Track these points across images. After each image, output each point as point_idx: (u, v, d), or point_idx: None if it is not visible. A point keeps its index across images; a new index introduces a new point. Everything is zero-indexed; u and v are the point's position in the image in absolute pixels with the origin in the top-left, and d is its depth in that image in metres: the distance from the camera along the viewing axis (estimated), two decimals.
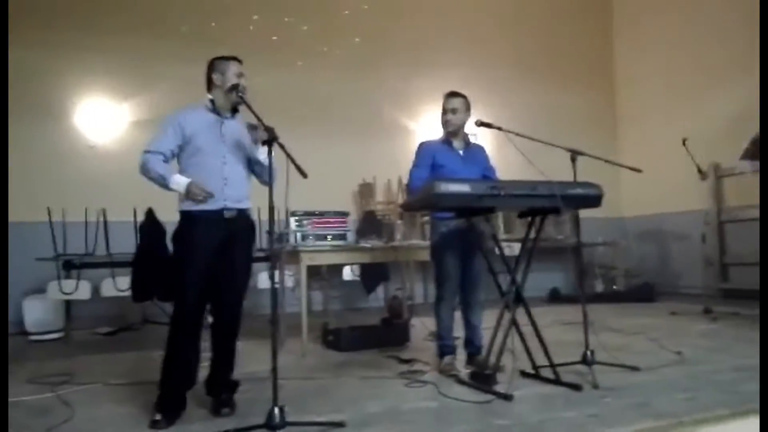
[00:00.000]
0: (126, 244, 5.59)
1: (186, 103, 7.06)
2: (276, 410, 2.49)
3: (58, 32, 6.55)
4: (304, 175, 2.50)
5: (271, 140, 2.60)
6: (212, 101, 3.13)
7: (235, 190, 3.06)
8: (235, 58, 3.14)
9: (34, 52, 6.43)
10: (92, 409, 3.11)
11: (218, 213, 2.99)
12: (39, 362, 4.49)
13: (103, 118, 6.73)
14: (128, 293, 5.38)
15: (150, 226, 5.39)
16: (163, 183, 2.98)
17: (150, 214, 5.41)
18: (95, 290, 5.45)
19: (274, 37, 7.43)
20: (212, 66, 3.14)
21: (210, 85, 3.15)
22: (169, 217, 5.61)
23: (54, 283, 5.28)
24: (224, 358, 3.11)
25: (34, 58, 6.44)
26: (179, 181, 2.94)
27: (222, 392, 3.04)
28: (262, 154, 3.06)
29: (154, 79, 6.81)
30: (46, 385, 3.64)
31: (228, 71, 3.08)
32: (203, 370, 3.14)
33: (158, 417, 2.78)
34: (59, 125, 6.58)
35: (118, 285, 5.40)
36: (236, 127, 3.12)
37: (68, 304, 5.47)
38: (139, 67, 6.82)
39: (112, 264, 5.44)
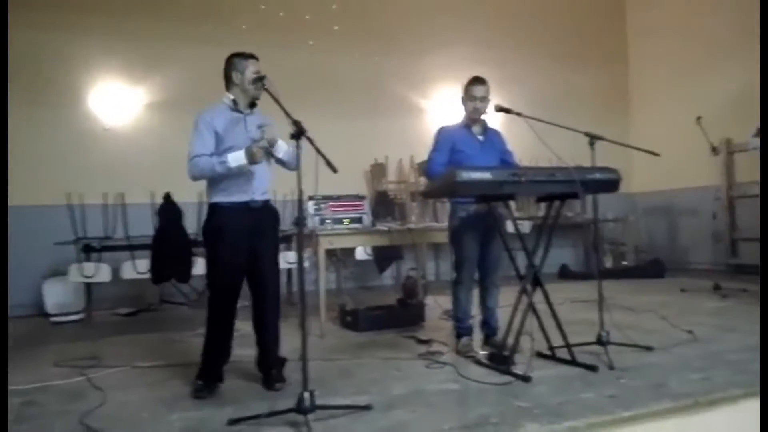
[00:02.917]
0: (144, 226, 5.68)
1: (197, 85, 7.03)
2: (306, 395, 2.57)
3: (72, 15, 6.54)
4: (334, 170, 2.53)
5: (299, 134, 2.63)
6: (234, 100, 3.19)
7: (261, 183, 3.19)
8: (252, 56, 3.18)
9: (48, 35, 6.44)
10: (123, 393, 3.20)
11: (245, 204, 3.13)
12: (63, 345, 4.60)
13: (117, 101, 6.75)
14: (147, 275, 5.47)
15: (168, 209, 5.47)
16: (223, 169, 3.02)
17: (167, 197, 5.48)
18: (115, 272, 5.54)
19: (281, 13, 7.37)
20: (231, 63, 3.18)
21: (229, 83, 3.20)
22: (186, 200, 5.72)
23: (75, 266, 5.38)
24: (272, 336, 3.25)
25: (48, 41, 6.45)
26: (237, 155, 3.01)
27: (272, 368, 3.21)
28: (279, 152, 3.15)
29: (165, 61, 6.83)
30: (75, 368, 3.73)
31: (246, 70, 3.14)
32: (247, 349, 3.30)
33: (200, 383, 3.11)
34: (75, 109, 6.59)
35: (138, 267, 5.49)
36: (257, 121, 3.18)
37: (88, 286, 5.58)
38: (151, 49, 6.82)
39: (131, 247, 5.52)
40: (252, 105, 3.24)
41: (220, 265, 3.12)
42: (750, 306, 5.16)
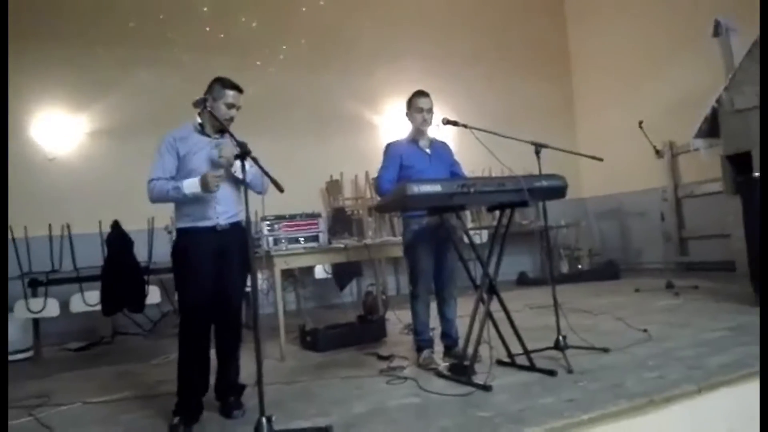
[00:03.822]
0: (92, 257, 5.50)
1: (142, 111, 6.88)
2: (263, 420, 2.51)
3: (10, 41, 6.33)
4: (280, 189, 2.51)
5: (243, 155, 2.60)
6: (200, 124, 3.13)
7: (226, 207, 3.11)
8: (236, 87, 3.11)
9: None
10: (74, 431, 3.07)
11: (212, 228, 3.07)
12: (10, 384, 4.35)
13: (60, 130, 6.55)
14: (98, 307, 5.30)
15: (117, 238, 5.32)
16: (177, 194, 2.98)
17: (116, 226, 5.34)
18: (64, 306, 5.35)
19: (221, 35, 7.28)
20: (211, 87, 3.12)
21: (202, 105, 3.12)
22: (136, 227, 5.58)
23: (21, 302, 5.16)
24: (231, 363, 3.18)
25: None
26: (191, 182, 2.97)
27: (230, 395, 3.13)
28: (237, 172, 3.07)
29: (108, 88, 6.68)
30: (23, 408, 3.55)
31: (220, 99, 3.07)
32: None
33: (176, 421, 2.90)
34: (16, 139, 6.32)
35: (87, 299, 5.31)
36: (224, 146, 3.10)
37: (36, 322, 5.36)
38: (92, 76, 6.65)
39: (80, 279, 5.34)
40: (222, 132, 3.11)
41: (187, 288, 3.04)
42: (700, 302, 5.32)
